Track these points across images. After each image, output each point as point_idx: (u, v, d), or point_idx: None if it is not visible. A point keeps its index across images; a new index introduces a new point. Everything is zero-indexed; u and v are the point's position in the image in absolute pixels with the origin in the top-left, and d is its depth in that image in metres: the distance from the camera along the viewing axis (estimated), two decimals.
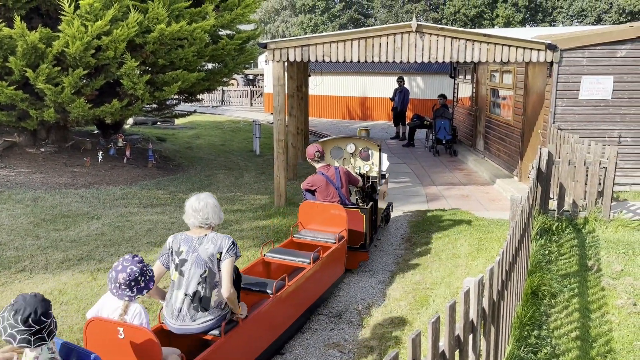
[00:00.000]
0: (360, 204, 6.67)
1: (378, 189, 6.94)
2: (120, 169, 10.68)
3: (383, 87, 20.93)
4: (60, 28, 8.66)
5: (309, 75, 14.90)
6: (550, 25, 41.74)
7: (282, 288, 4.35)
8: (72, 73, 8.88)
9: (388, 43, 8.38)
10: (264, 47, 8.61)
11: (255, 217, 8.12)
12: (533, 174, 6.29)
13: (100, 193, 9.07)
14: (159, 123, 18.60)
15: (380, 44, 8.39)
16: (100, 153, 10.92)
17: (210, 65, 13.37)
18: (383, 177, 7.39)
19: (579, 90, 8.84)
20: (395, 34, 8.34)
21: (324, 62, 8.76)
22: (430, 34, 8.29)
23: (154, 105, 12.71)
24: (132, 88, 9.57)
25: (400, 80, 16.12)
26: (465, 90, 14.89)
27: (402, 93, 15.94)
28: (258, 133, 14.05)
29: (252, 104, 28.27)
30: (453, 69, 16.00)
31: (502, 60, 8.39)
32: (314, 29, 49.37)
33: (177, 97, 13.03)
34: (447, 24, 43.60)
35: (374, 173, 7.10)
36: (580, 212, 7.42)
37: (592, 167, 7.26)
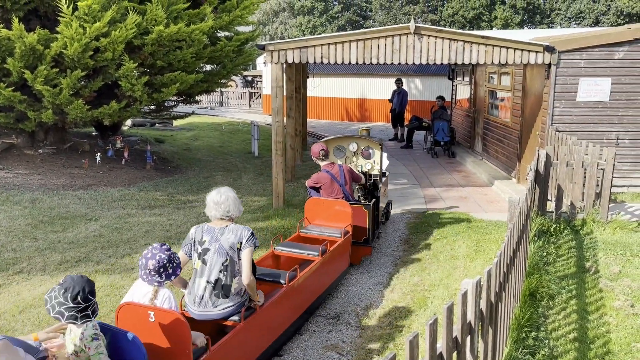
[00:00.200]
0: (363, 201, 6.83)
1: (379, 187, 7.14)
2: (119, 171, 10.67)
3: (381, 88, 20.94)
4: (59, 29, 8.66)
5: (308, 77, 14.91)
6: (549, 27, 41.84)
7: (294, 278, 4.58)
8: (70, 74, 8.88)
9: (386, 45, 8.39)
10: (263, 48, 8.61)
11: (254, 218, 8.12)
12: (531, 176, 6.30)
13: (98, 195, 9.06)
14: (158, 124, 18.61)
15: (379, 46, 8.40)
16: (99, 155, 10.92)
17: (209, 67, 13.37)
18: (384, 175, 7.58)
19: (577, 92, 8.86)
20: (394, 36, 8.35)
21: (323, 63, 8.77)
22: (429, 36, 8.30)
23: (152, 107, 12.71)
24: (130, 89, 9.56)
25: (399, 82, 16.14)
26: (464, 92, 14.90)
27: (400, 95, 15.94)
28: (256, 134, 14.04)
29: (250, 106, 28.29)
30: (451, 71, 16.02)
31: (500, 62, 8.40)
32: (313, 31, 49.42)
33: (175, 98, 13.03)
34: (445, 26, 43.67)
35: (376, 171, 7.34)
36: (578, 213, 7.42)
37: (590, 168, 7.27)
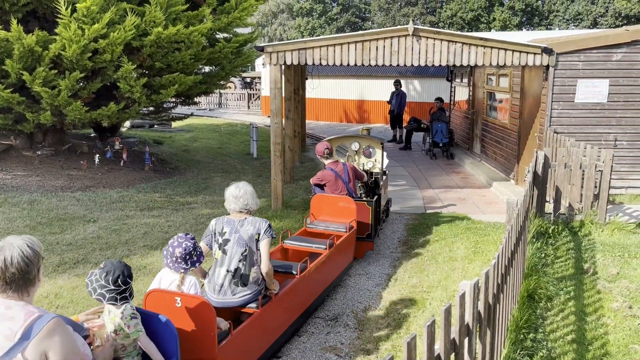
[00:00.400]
0: (364, 198, 7.06)
1: (381, 184, 7.40)
2: (117, 172, 10.66)
3: (380, 90, 20.96)
4: (57, 31, 8.65)
5: (306, 79, 14.92)
6: (547, 29, 41.92)
7: (305, 269, 4.82)
8: (68, 76, 8.87)
9: (385, 46, 8.40)
10: (261, 50, 8.62)
11: None
12: (529, 177, 6.30)
13: (97, 196, 9.05)
14: (156, 126, 18.61)
15: (377, 48, 8.41)
16: (97, 156, 10.91)
17: (208, 68, 13.36)
18: (384, 173, 7.79)
19: (575, 94, 8.87)
20: (392, 38, 8.36)
21: (321, 65, 8.78)
22: (427, 38, 8.31)
23: (151, 108, 12.70)
24: (129, 91, 9.56)
25: (397, 84, 16.15)
26: (462, 94, 14.92)
27: (399, 96, 15.96)
28: (255, 136, 14.04)
29: (249, 107, 28.29)
30: (450, 72, 16.04)
31: (498, 64, 8.41)
32: (312, 32, 49.47)
33: (174, 100, 13.03)
34: (444, 28, 43.74)
35: (377, 169, 7.65)
36: (577, 215, 7.43)
37: (588, 170, 7.28)
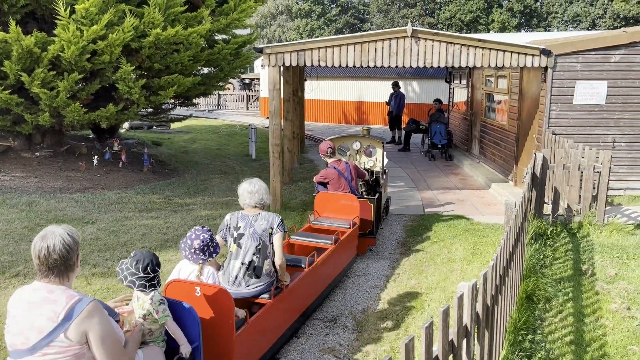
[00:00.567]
0: (365, 196, 7.23)
1: (382, 183, 7.65)
2: (116, 174, 10.65)
3: (379, 91, 20.97)
4: (56, 32, 8.65)
5: (305, 80, 14.93)
6: (545, 31, 41.99)
7: (313, 263, 5.03)
8: (67, 77, 8.87)
9: (383, 48, 8.41)
10: (260, 51, 8.62)
11: None
12: (528, 179, 6.31)
13: (96, 197, 9.05)
14: (155, 127, 18.60)
15: (376, 49, 8.42)
16: (96, 157, 10.90)
17: (206, 70, 13.37)
18: (384, 172, 7.97)
19: (573, 95, 8.89)
20: (391, 39, 8.36)
21: (320, 66, 8.78)
22: (426, 39, 8.32)
23: (150, 110, 12.69)
24: (127, 92, 9.56)
25: (395, 86, 16.15)
26: (461, 95, 14.94)
27: (397, 97, 15.96)
28: (254, 137, 14.04)
29: (248, 108, 28.29)
30: (448, 74, 16.06)
31: (497, 66, 8.42)
32: (310, 34, 49.50)
33: (172, 101, 13.02)
34: (442, 29, 43.78)
35: (377, 168, 7.88)
36: (575, 216, 7.44)
37: (586, 171, 7.29)
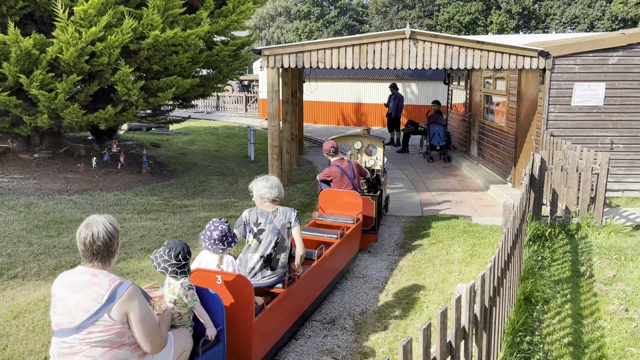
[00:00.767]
0: (367, 193, 7.46)
1: (382, 181, 7.92)
2: (114, 175, 10.65)
3: (377, 93, 20.99)
4: (54, 34, 8.65)
5: (304, 82, 14.95)
6: (544, 32, 42.07)
7: (321, 255, 5.27)
8: (66, 79, 8.87)
9: (382, 50, 8.42)
10: (259, 53, 8.64)
11: None
12: (526, 180, 6.32)
13: (94, 199, 9.04)
14: (154, 129, 18.61)
15: (374, 51, 8.43)
16: (94, 159, 10.90)
17: (205, 71, 13.38)
18: (384, 171, 8.25)
19: (571, 97, 8.91)
20: (389, 41, 8.38)
21: (319, 68, 8.79)
22: (424, 41, 8.34)
23: (149, 111, 12.69)
24: (126, 94, 9.56)
25: (393, 88, 16.14)
26: (459, 97, 14.96)
27: (396, 99, 15.97)
28: (253, 139, 14.04)
29: (247, 110, 28.30)
30: (447, 76, 16.08)
31: (495, 67, 8.44)
32: (309, 35, 49.56)
33: (171, 103, 13.02)
34: (441, 31, 43.84)
35: (378, 167, 8.15)
36: (573, 218, 7.45)
37: (584, 173, 7.30)
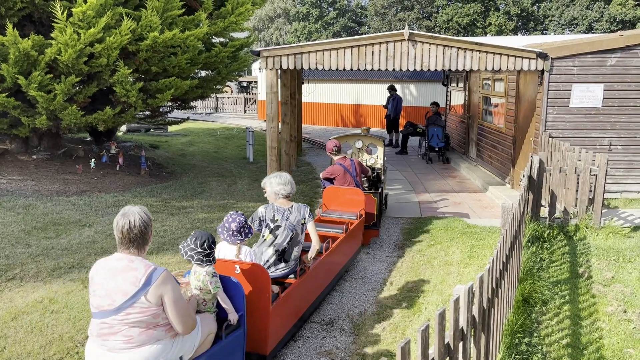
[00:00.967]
0: (368, 191, 7.65)
1: (383, 179, 8.18)
2: (113, 176, 10.64)
3: (376, 94, 21.01)
4: (53, 35, 8.65)
5: (303, 83, 14.95)
6: (542, 34, 42.13)
7: (329, 249, 5.48)
8: (64, 80, 8.86)
9: (381, 51, 8.43)
10: (257, 54, 8.64)
11: None
12: (524, 182, 6.32)
13: (92, 200, 9.03)
14: (152, 130, 18.60)
15: (373, 52, 8.44)
16: (93, 160, 10.89)
17: (204, 73, 13.38)
18: (384, 169, 8.54)
19: (570, 99, 8.92)
20: (388, 42, 8.39)
21: (318, 69, 8.80)
22: (423, 43, 8.34)
23: (147, 113, 12.69)
24: (124, 95, 9.56)
25: (392, 89, 16.14)
26: (458, 98, 14.97)
27: (395, 100, 15.98)
28: (251, 140, 14.03)
29: (245, 111, 28.31)
30: (446, 77, 16.09)
31: (493, 69, 8.45)
32: (308, 37, 49.60)
33: (170, 104, 13.03)
34: (440, 32, 43.88)
35: (379, 165, 8.39)
36: (572, 219, 7.46)
37: (582, 174, 7.31)
